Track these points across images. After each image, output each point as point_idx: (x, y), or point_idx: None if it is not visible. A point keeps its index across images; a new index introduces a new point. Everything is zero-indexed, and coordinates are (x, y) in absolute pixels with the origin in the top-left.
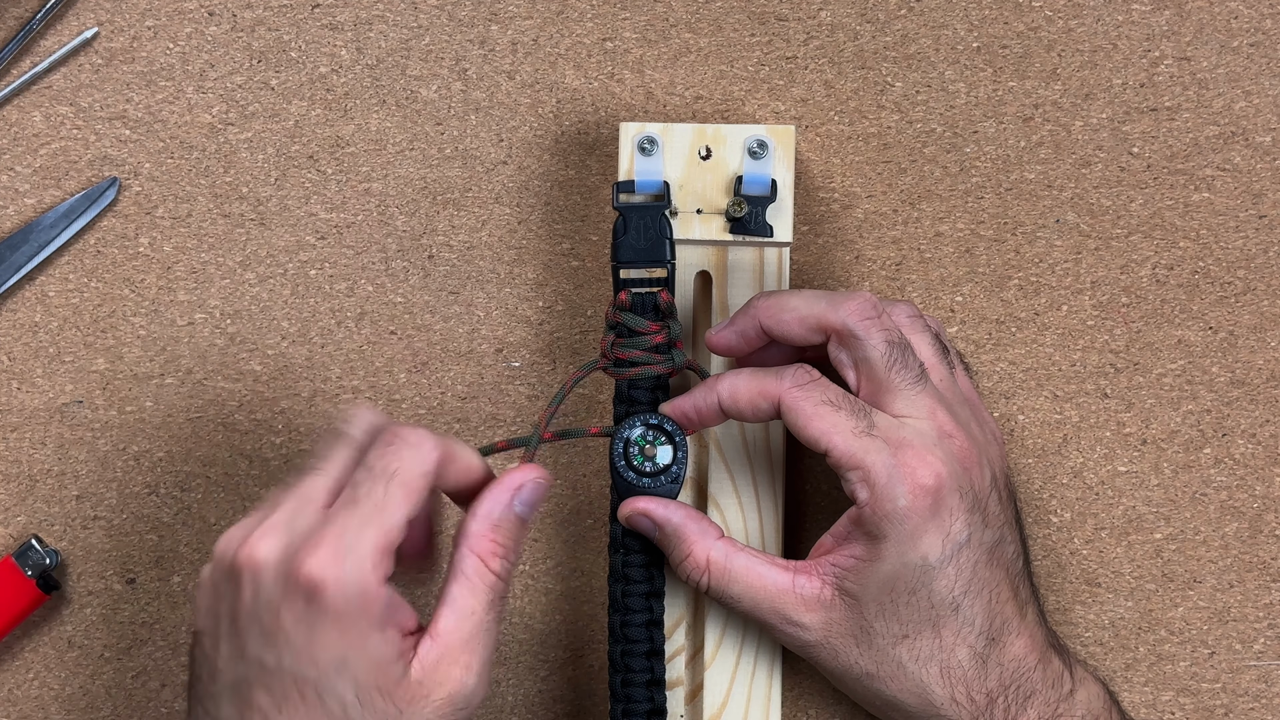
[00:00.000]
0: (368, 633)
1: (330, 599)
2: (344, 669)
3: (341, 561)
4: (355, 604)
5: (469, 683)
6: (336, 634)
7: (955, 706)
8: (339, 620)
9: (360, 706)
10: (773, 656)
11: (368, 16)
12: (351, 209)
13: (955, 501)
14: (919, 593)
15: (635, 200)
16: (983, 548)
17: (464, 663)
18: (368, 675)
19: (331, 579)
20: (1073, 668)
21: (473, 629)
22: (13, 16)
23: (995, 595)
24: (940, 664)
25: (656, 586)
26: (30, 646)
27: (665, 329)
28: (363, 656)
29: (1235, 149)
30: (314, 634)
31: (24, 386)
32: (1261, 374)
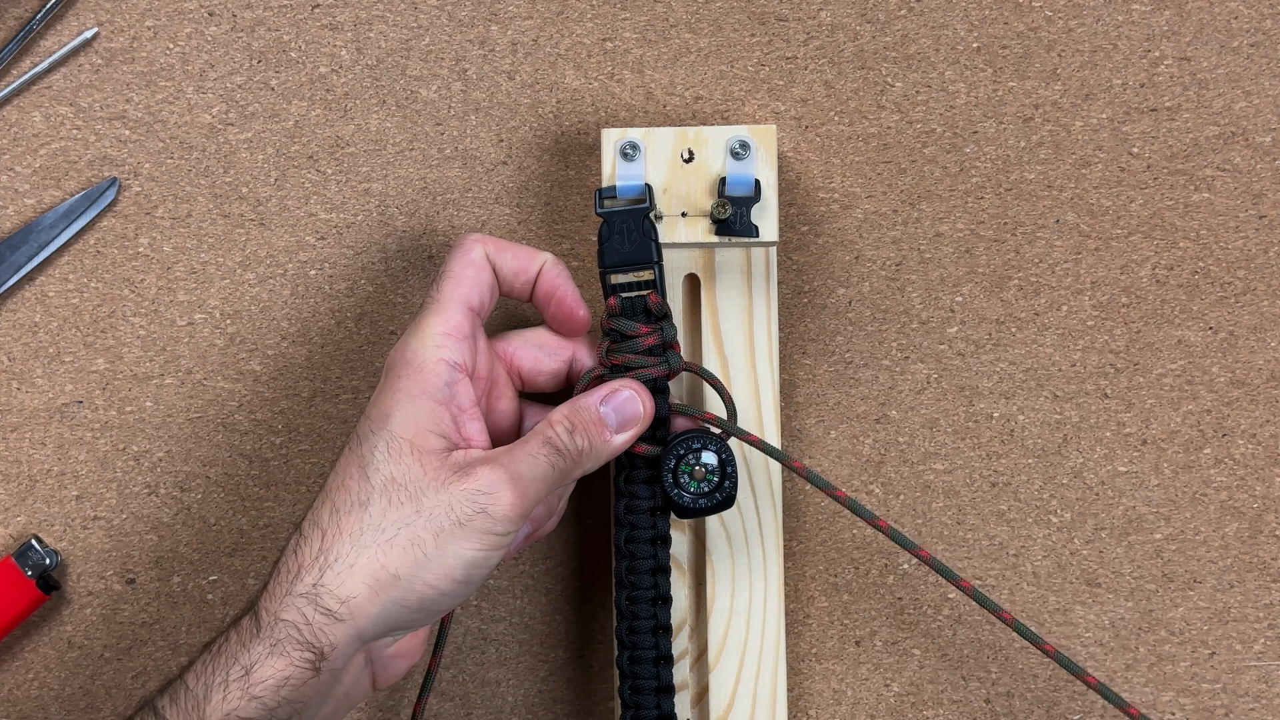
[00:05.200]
0: (415, 397)
1: (395, 370)
2: (386, 420)
3: (408, 339)
4: (413, 371)
5: (495, 477)
6: (392, 394)
7: None
8: (395, 383)
9: (387, 453)
10: (776, 657)
11: (368, 16)
12: (351, 209)
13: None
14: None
15: (618, 205)
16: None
17: (500, 464)
18: (404, 430)
19: (397, 358)
20: None
21: (520, 452)
22: (13, 16)
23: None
24: None
25: (663, 592)
26: (30, 646)
27: (658, 331)
28: (408, 413)
29: (1235, 149)
30: (378, 398)
31: (24, 386)
32: (1261, 374)
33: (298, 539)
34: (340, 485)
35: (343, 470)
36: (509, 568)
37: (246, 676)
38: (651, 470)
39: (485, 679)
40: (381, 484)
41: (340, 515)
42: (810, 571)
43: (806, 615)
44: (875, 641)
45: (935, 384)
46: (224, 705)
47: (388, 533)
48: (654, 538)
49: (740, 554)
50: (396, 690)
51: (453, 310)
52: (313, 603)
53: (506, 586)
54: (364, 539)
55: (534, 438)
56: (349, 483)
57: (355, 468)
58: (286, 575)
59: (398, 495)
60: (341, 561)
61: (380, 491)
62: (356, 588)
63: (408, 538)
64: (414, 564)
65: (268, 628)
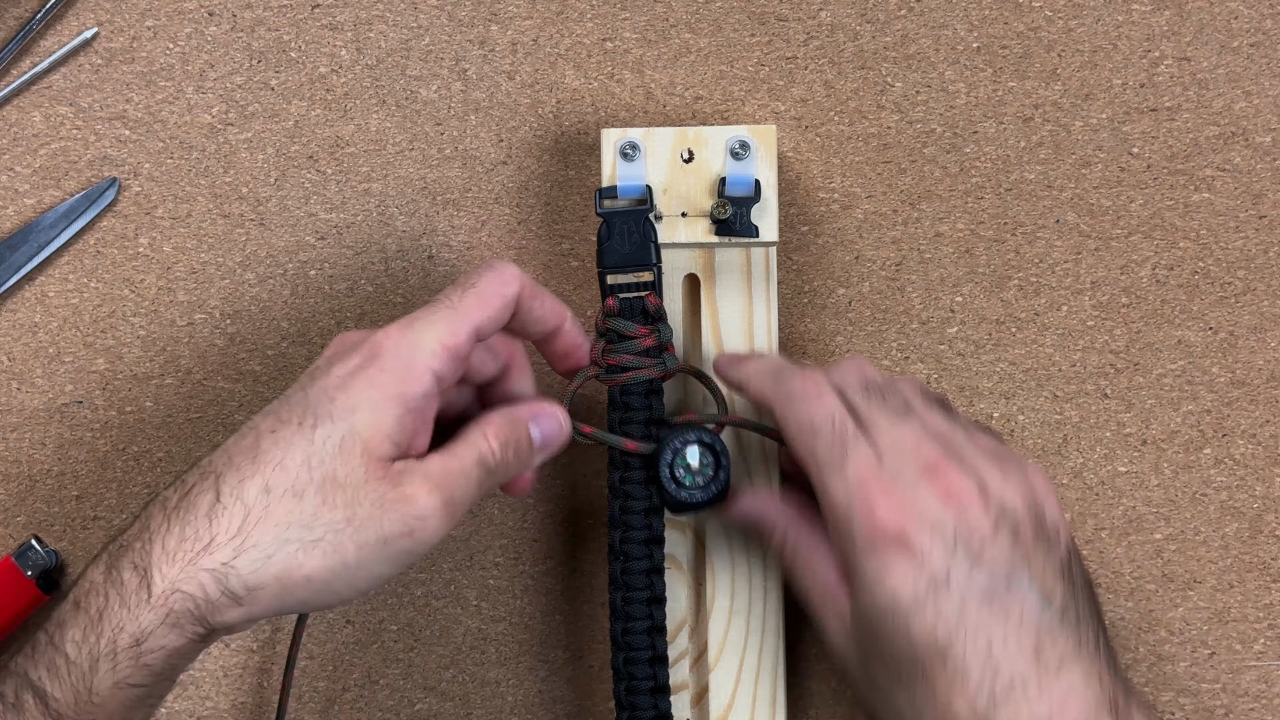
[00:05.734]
0: (390, 399)
1: (383, 360)
2: (350, 414)
3: (405, 334)
4: (399, 369)
5: (429, 501)
6: (366, 387)
7: None
8: (377, 376)
9: (338, 450)
10: (776, 657)
11: (368, 16)
12: (351, 209)
13: (926, 540)
14: (898, 636)
15: (619, 205)
16: (973, 590)
17: (435, 483)
18: (364, 428)
19: (391, 344)
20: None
21: (455, 469)
22: (13, 16)
23: (1001, 644)
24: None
25: (657, 593)
26: None
27: (655, 332)
28: (372, 412)
29: (1235, 149)
30: (349, 382)
31: (24, 386)
32: (1261, 374)
33: (214, 502)
34: (278, 461)
35: (285, 441)
36: (509, 567)
37: (137, 647)
38: (647, 470)
39: (485, 679)
40: (321, 479)
41: (271, 499)
42: None
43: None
44: None
45: (935, 384)
46: (113, 675)
47: (314, 533)
48: (648, 538)
49: (740, 554)
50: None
51: (464, 327)
52: (219, 582)
53: (506, 586)
54: (289, 533)
55: (469, 453)
56: (288, 463)
57: (300, 450)
58: (193, 539)
59: (334, 497)
60: (259, 550)
61: (318, 487)
62: (266, 580)
63: (332, 544)
64: (329, 572)
65: (162, 596)
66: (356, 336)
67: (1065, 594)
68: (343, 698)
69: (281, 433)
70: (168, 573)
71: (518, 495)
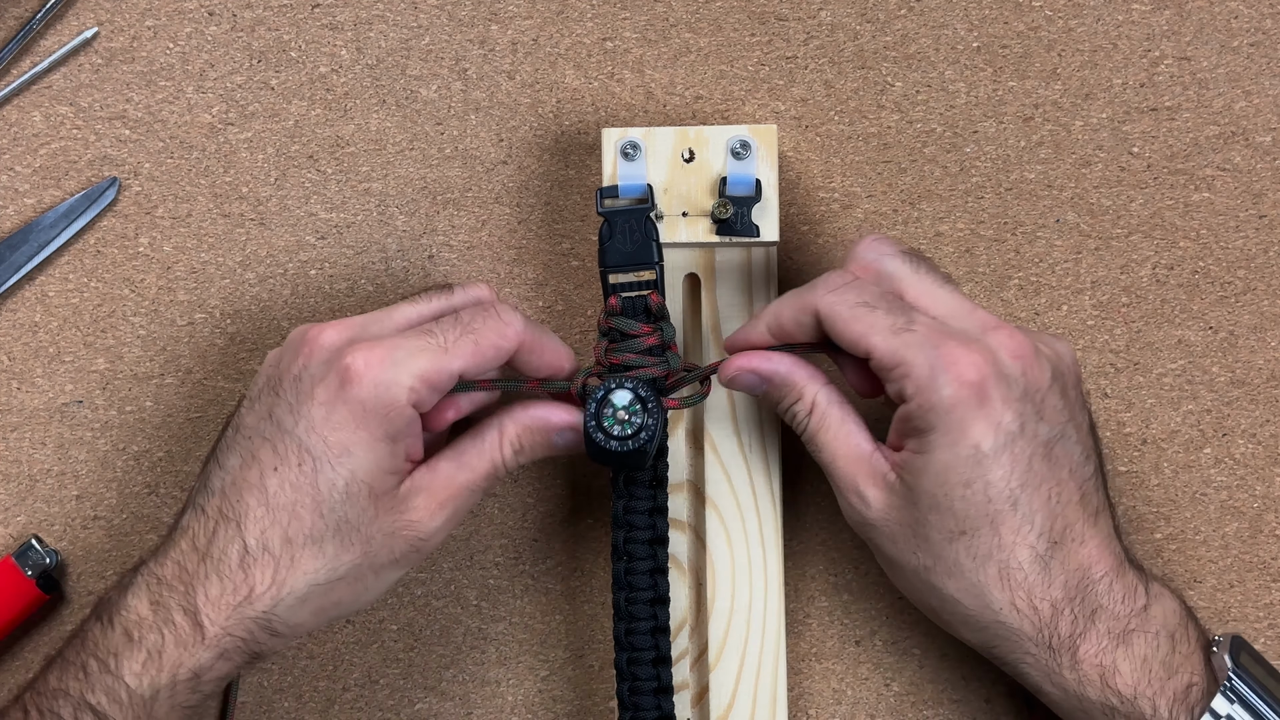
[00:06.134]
0: (380, 439)
1: (359, 391)
2: (347, 457)
3: (384, 367)
4: (379, 406)
5: (435, 522)
6: (353, 425)
7: (1016, 614)
8: (360, 414)
9: (345, 497)
10: (776, 657)
11: (368, 16)
12: (351, 209)
13: (1003, 392)
14: (974, 484)
15: (620, 205)
16: (1038, 441)
17: (440, 501)
18: (364, 472)
19: (368, 378)
20: (1148, 583)
21: (463, 483)
22: (13, 16)
23: (1057, 494)
24: (999, 564)
25: (661, 593)
26: (30, 646)
27: (658, 331)
28: (368, 454)
29: (1235, 149)
30: (333, 415)
31: (24, 386)
32: (1261, 374)
33: (243, 553)
34: (290, 509)
35: (291, 485)
36: (509, 567)
37: (196, 679)
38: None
39: (485, 679)
40: (336, 524)
41: (294, 549)
42: (810, 571)
43: (806, 615)
44: (875, 641)
45: None
46: (171, 701)
47: (338, 573)
48: (652, 538)
49: (740, 554)
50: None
51: (448, 368)
52: (264, 627)
53: (506, 586)
54: (317, 577)
55: (480, 463)
56: (300, 512)
57: (309, 498)
58: (233, 590)
59: (350, 538)
60: (294, 595)
61: (334, 532)
62: (304, 617)
63: (354, 576)
64: (353, 595)
65: (214, 639)
66: (329, 339)
67: (1095, 451)
68: (343, 698)
69: (285, 473)
70: (216, 619)
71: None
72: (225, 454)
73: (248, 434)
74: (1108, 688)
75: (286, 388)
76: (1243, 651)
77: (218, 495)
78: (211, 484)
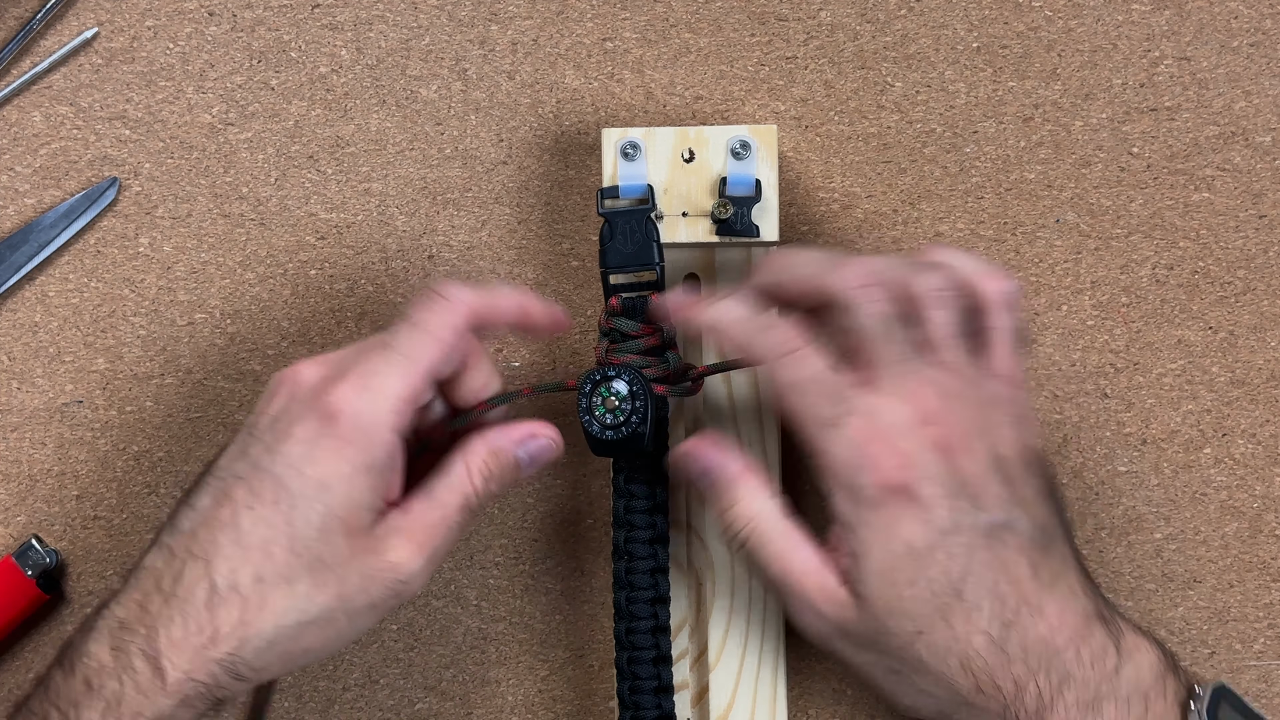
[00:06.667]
0: (360, 471)
1: (342, 426)
2: (324, 492)
3: (361, 396)
4: (361, 438)
5: (414, 564)
6: (333, 459)
7: (982, 696)
8: (339, 447)
9: (320, 533)
10: (776, 656)
11: (368, 16)
12: (351, 209)
13: (930, 492)
14: (917, 582)
15: (620, 205)
16: (977, 531)
17: (419, 542)
18: (341, 508)
19: (350, 410)
20: (1119, 640)
21: (437, 520)
22: (13, 16)
23: (1005, 576)
24: (958, 656)
25: (662, 593)
26: (30, 646)
27: (658, 331)
28: (345, 489)
29: (1235, 149)
30: (314, 452)
31: (24, 386)
32: (1261, 374)
33: (210, 592)
34: (263, 547)
35: (265, 522)
36: (509, 567)
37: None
38: (651, 471)
39: (485, 679)
40: (309, 563)
41: (264, 588)
42: None
43: None
44: None
45: None
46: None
47: (308, 615)
48: (653, 538)
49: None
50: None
51: (417, 374)
52: (228, 671)
53: (506, 586)
54: (286, 619)
55: (452, 498)
56: (274, 550)
57: (283, 535)
58: (197, 631)
59: (323, 579)
60: (261, 638)
61: (307, 570)
62: (270, 661)
63: (326, 620)
64: (324, 642)
65: (176, 685)
66: (307, 378)
67: (1049, 517)
68: (343, 698)
69: (259, 511)
70: (178, 663)
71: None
72: (197, 495)
73: (221, 475)
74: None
75: (263, 428)
76: (1223, 704)
77: (186, 535)
78: (180, 524)
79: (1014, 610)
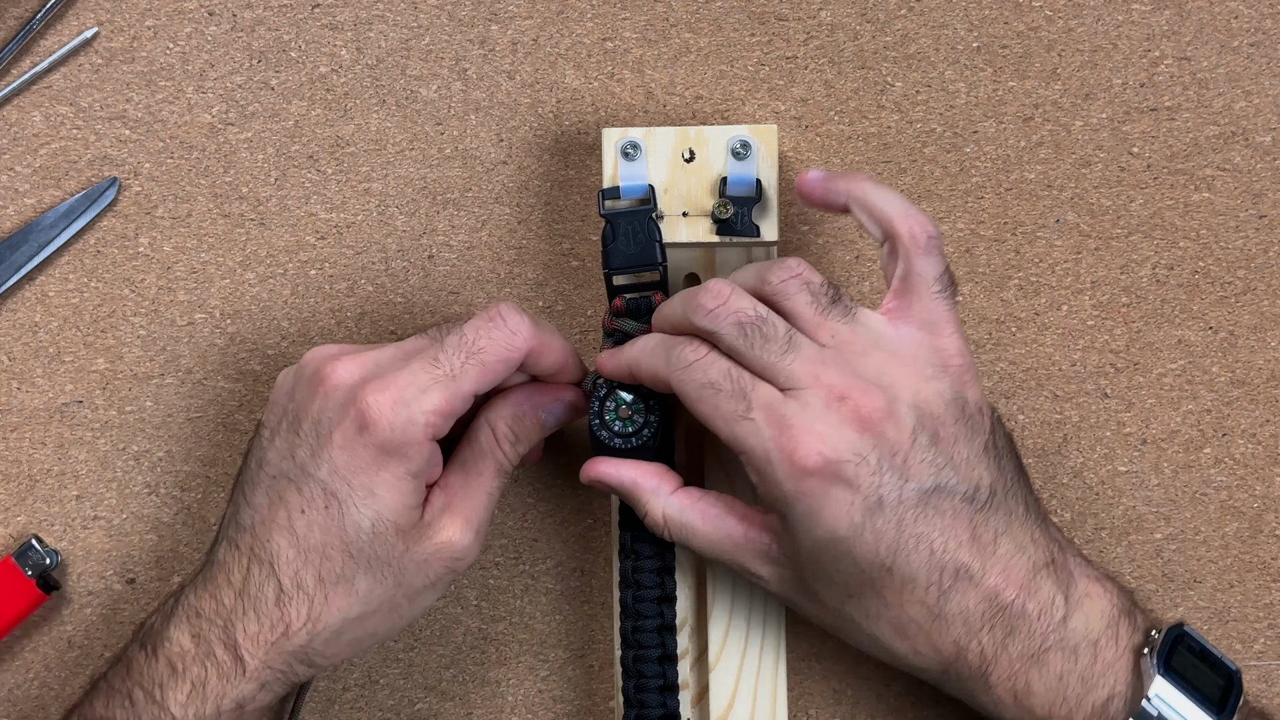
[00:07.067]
0: (402, 477)
1: (377, 436)
2: (371, 498)
3: (398, 409)
4: (397, 448)
5: (465, 539)
6: (374, 467)
7: (920, 658)
8: (379, 457)
9: (373, 534)
10: (776, 657)
11: (368, 16)
12: (351, 209)
13: (852, 471)
14: (842, 561)
15: (621, 206)
16: (906, 504)
17: (464, 515)
18: (389, 511)
19: (385, 422)
20: (1070, 588)
21: (476, 490)
22: (13, 16)
23: (941, 544)
24: (891, 621)
25: (668, 591)
26: (30, 646)
27: None
28: (391, 494)
29: (1235, 149)
30: (354, 459)
31: (24, 386)
32: (1261, 374)
33: (279, 591)
34: (320, 550)
35: (320, 527)
36: (509, 567)
37: (239, 709)
38: None
39: (485, 679)
40: (366, 563)
41: (327, 587)
42: None
43: None
44: None
45: None
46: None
47: (371, 605)
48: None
49: None
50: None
51: (460, 395)
52: (302, 660)
53: (506, 586)
54: (350, 612)
55: (486, 466)
56: (331, 553)
57: (338, 539)
58: (270, 627)
59: (381, 573)
60: (329, 630)
61: (365, 570)
62: (340, 648)
63: (389, 607)
64: (389, 624)
65: (255, 672)
66: (344, 378)
67: (991, 473)
68: (343, 698)
69: (312, 516)
70: (256, 653)
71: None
72: (252, 490)
73: (272, 473)
74: (1022, 708)
75: (306, 430)
76: (1179, 648)
77: (248, 533)
78: (242, 519)
79: (952, 576)
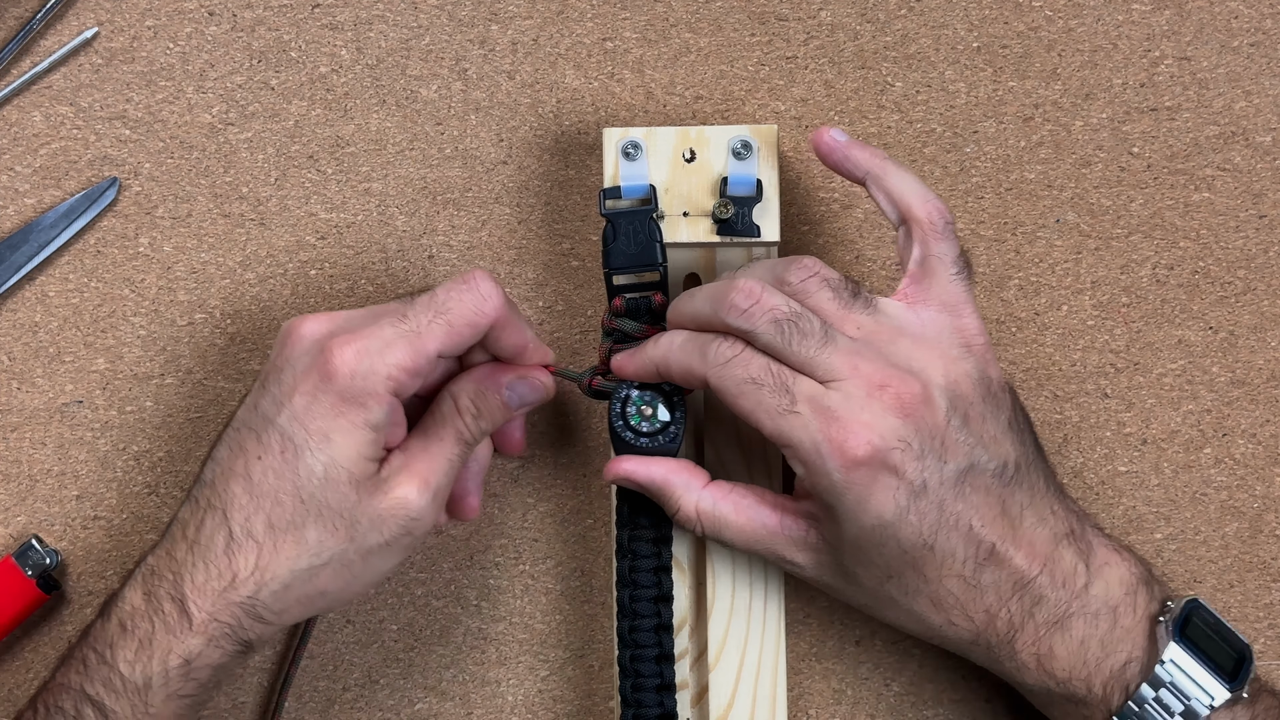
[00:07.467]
0: (360, 425)
1: (338, 384)
2: (326, 443)
3: (360, 359)
4: (355, 396)
5: (421, 500)
6: (332, 414)
7: (953, 628)
8: (338, 404)
9: (324, 480)
10: (776, 657)
11: (368, 16)
12: (351, 209)
13: (899, 458)
14: (887, 545)
15: (622, 206)
16: (945, 486)
17: (422, 476)
18: (344, 458)
19: (347, 370)
20: (1090, 558)
21: (435, 454)
22: (13, 16)
23: (975, 522)
24: (929, 596)
25: (665, 591)
26: (30, 646)
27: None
28: (347, 440)
29: (1235, 149)
30: (314, 405)
31: (24, 386)
32: (1261, 374)
33: (228, 539)
34: (272, 495)
35: (274, 472)
36: (509, 567)
37: (186, 666)
38: None
39: (485, 679)
40: (317, 510)
41: (276, 534)
42: None
43: (806, 615)
44: (875, 641)
45: None
46: (166, 689)
47: (321, 559)
48: (656, 537)
49: (741, 554)
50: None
51: (424, 353)
52: (248, 612)
53: (506, 586)
54: (299, 563)
55: (447, 432)
56: (282, 498)
57: (290, 484)
58: (218, 576)
59: (333, 523)
60: (277, 581)
61: (315, 517)
62: (289, 604)
63: (340, 562)
64: (341, 583)
65: (201, 625)
66: (310, 332)
67: (1015, 449)
68: (343, 698)
69: (268, 461)
70: (203, 605)
71: (511, 455)
72: (218, 447)
73: (236, 426)
74: (1044, 672)
75: (270, 381)
76: (1193, 618)
77: (207, 486)
78: (204, 476)
79: (988, 552)
